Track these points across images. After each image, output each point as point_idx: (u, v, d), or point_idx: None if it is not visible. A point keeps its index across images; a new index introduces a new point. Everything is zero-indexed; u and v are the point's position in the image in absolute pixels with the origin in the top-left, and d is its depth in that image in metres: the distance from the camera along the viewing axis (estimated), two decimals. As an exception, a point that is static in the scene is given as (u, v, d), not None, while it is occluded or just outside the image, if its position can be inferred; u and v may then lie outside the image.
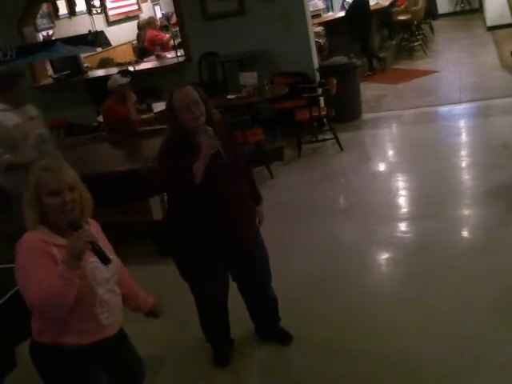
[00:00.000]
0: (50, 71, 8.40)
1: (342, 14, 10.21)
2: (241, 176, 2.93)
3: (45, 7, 9.50)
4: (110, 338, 2.22)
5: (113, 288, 2.21)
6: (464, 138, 6.26)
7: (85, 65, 8.46)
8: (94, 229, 2.23)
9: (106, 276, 2.15)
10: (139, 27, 10.68)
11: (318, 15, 10.06)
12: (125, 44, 10.89)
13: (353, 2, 9.33)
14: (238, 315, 3.30)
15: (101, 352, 2.19)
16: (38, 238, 2.02)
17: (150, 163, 3.27)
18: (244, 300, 3.27)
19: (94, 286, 2.09)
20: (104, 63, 9.13)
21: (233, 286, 3.21)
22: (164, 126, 3.01)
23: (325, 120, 6.60)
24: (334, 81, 6.24)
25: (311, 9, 8.11)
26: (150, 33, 10.06)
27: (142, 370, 2.46)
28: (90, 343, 2.13)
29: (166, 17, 12.17)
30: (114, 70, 7.25)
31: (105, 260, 2.01)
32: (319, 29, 9.11)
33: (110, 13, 11.23)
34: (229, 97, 6.29)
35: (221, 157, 2.68)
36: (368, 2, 9.36)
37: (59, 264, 1.97)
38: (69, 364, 2.14)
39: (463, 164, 5.49)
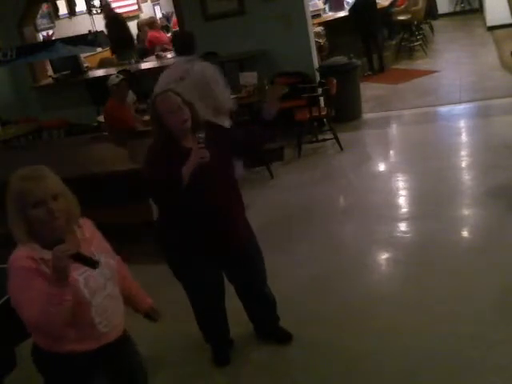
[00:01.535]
0: (50, 71, 8.40)
1: (342, 13, 10.21)
2: (227, 177, 2.92)
3: (45, 7, 9.51)
4: (112, 342, 2.18)
5: (112, 292, 2.15)
6: (464, 138, 6.26)
7: (85, 65, 8.46)
8: (86, 229, 2.16)
9: (102, 282, 2.09)
10: (139, 28, 10.69)
11: (318, 15, 10.06)
12: (125, 44, 10.88)
13: (357, 1, 9.31)
14: (238, 315, 3.30)
15: (102, 356, 2.16)
16: (26, 255, 1.93)
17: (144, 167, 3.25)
18: (241, 302, 3.27)
19: (87, 297, 2.02)
20: (104, 63, 9.13)
21: (232, 286, 3.22)
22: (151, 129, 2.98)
23: (325, 120, 6.60)
24: (334, 81, 6.24)
25: (311, 9, 8.10)
26: (152, 34, 10.07)
27: (144, 375, 2.41)
28: (91, 350, 2.11)
29: (166, 17, 12.20)
30: (113, 70, 7.26)
31: (92, 265, 1.92)
32: (319, 29, 9.11)
33: (110, 13, 11.23)
34: (229, 97, 6.28)
35: (205, 164, 2.67)
36: (375, 1, 9.38)
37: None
38: (70, 368, 2.12)
39: (463, 164, 5.49)
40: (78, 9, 10.54)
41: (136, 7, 12.16)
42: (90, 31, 7.75)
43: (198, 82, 4.06)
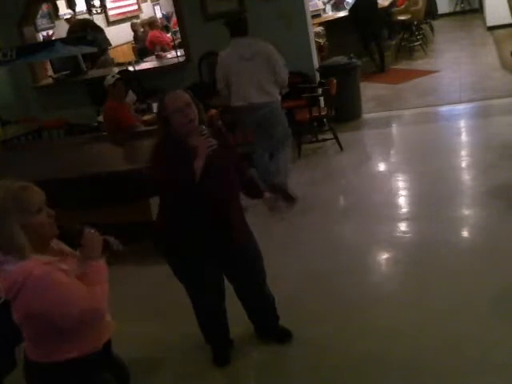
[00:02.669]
0: (50, 71, 8.41)
1: (342, 13, 10.20)
2: (230, 178, 2.92)
3: (45, 7, 9.50)
4: (108, 341, 2.21)
5: None
6: (464, 138, 6.26)
7: (85, 65, 8.45)
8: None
9: None
10: (134, 29, 10.68)
11: (318, 15, 10.05)
12: (125, 44, 10.90)
13: (358, 1, 9.31)
14: (238, 315, 3.30)
15: (102, 357, 2.17)
16: (40, 263, 1.92)
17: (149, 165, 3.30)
18: (241, 301, 3.27)
19: None
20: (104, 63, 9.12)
21: (232, 287, 3.22)
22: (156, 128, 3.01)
23: (325, 120, 6.60)
24: (334, 81, 6.24)
25: (311, 9, 8.10)
26: (152, 34, 10.07)
27: (127, 369, 2.44)
28: (99, 348, 2.13)
29: (166, 17, 12.19)
30: (114, 70, 7.26)
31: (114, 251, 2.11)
32: (319, 29, 9.11)
33: (110, 13, 11.25)
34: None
35: (213, 158, 2.68)
36: (376, 1, 9.39)
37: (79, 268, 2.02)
38: (80, 375, 2.11)
39: (463, 164, 5.49)
40: (78, 9, 10.54)
41: (136, 7, 12.16)
42: (89, 31, 7.77)
43: (266, 61, 4.88)
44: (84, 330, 2.04)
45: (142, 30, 10.67)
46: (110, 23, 11.14)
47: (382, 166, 5.94)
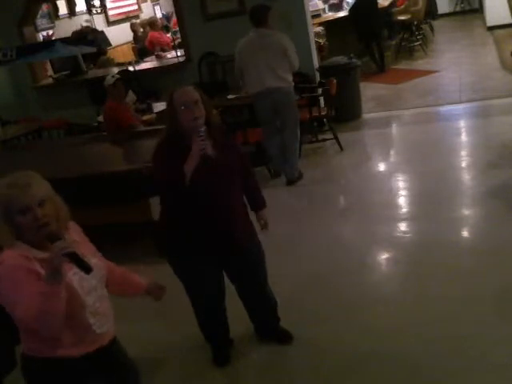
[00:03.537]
0: (50, 71, 8.40)
1: (342, 13, 10.20)
2: (232, 178, 2.91)
3: (45, 7, 9.50)
4: (108, 345, 2.18)
5: (102, 294, 2.14)
6: (464, 137, 6.27)
7: (85, 64, 8.45)
8: (74, 233, 2.14)
9: (94, 284, 2.09)
10: (134, 29, 10.67)
11: (318, 15, 10.04)
12: (125, 44, 10.90)
13: (357, 1, 9.30)
14: (238, 315, 3.30)
15: (98, 359, 2.14)
16: (18, 254, 1.92)
17: (150, 163, 3.30)
18: (242, 302, 3.27)
19: (82, 297, 2.02)
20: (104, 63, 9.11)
21: (232, 286, 3.21)
22: (163, 126, 3.01)
23: (325, 120, 6.60)
24: (334, 81, 6.24)
25: (311, 9, 8.09)
26: (152, 34, 10.06)
27: (138, 375, 2.41)
28: (87, 353, 2.08)
29: (166, 17, 12.19)
30: (114, 70, 7.26)
31: (85, 269, 1.91)
32: (319, 29, 9.10)
33: (110, 13, 11.26)
34: (229, 97, 6.29)
35: (208, 159, 2.68)
36: (376, 1, 9.38)
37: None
38: (66, 377, 2.08)
39: (463, 164, 5.49)
40: (77, 9, 10.55)
41: (136, 7, 12.16)
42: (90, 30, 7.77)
43: (282, 50, 5.31)
44: (63, 334, 1.98)
45: (141, 30, 10.66)
46: (109, 23, 11.14)
47: (381, 166, 5.94)
